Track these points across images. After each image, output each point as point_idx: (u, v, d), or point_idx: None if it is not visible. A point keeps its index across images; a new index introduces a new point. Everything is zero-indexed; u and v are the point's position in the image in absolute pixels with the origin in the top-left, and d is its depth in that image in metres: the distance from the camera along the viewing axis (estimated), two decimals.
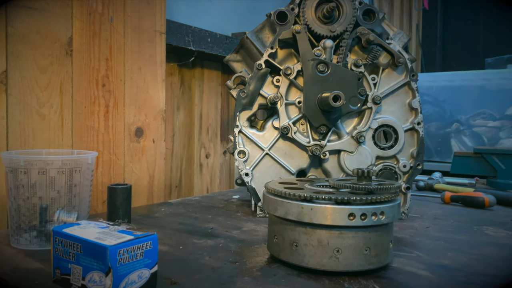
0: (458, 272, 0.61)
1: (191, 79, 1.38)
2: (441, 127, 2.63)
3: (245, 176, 0.91)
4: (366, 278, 0.57)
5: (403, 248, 0.72)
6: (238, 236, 0.77)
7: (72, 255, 0.50)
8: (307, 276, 0.57)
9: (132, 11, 1.05)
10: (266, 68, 0.92)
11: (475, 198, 1.08)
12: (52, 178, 0.67)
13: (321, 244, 0.57)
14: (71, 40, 0.93)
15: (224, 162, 1.53)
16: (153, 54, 1.10)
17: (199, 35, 1.28)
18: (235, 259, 0.64)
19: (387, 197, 0.58)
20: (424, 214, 0.99)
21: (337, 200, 0.56)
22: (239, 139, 0.93)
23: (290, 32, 0.91)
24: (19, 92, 0.85)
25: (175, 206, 1.03)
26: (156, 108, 1.12)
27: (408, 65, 0.92)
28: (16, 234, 0.68)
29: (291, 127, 0.91)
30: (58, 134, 0.91)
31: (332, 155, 0.93)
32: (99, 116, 0.99)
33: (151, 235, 0.51)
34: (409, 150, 0.92)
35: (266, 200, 0.63)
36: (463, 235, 0.81)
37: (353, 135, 0.91)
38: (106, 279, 0.47)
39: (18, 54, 0.84)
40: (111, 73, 1.01)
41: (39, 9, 0.87)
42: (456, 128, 2.60)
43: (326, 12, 0.89)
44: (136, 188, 1.07)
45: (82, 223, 0.56)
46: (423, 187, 1.35)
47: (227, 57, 1.04)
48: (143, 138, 1.09)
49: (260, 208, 0.92)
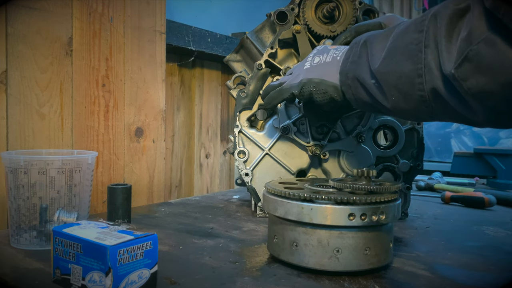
0: (458, 272, 0.61)
1: (191, 79, 1.38)
2: (441, 127, 2.63)
3: (245, 176, 0.91)
4: (366, 278, 0.57)
5: (403, 248, 0.72)
6: (238, 236, 0.77)
7: (72, 255, 0.50)
8: (307, 276, 0.57)
9: (132, 11, 1.05)
10: (266, 68, 0.92)
11: (475, 198, 1.08)
12: (52, 178, 0.67)
13: (321, 244, 0.57)
14: (71, 40, 0.93)
15: (224, 162, 1.53)
16: (153, 54, 1.10)
17: (199, 35, 1.28)
18: (235, 259, 0.64)
19: (387, 197, 0.58)
20: (424, 214, 0.99)
21: (337, 200, 0.56)
22: (239, 139, 0.93)
23: (290, 32, 0.91)
24: (19, 92, 0.85)
25: (175, 206, 1.03)
26: (156, 108, 1.12)
27: None
28: (16, 234, 0.68)
29: (291, 127, 0.91)
30: (58, 134, 0.91)
31: (332, 155, 0.93)
32: (99, 116, 0.99)
33: (151, 235, 0.51)
34: (409, 150, 0.92)
35: (266, 200, 0.63)
36: (463, 235, 0.81)
37: (353, 135, 0.91)
38: (106, 279, 0.47)
39: (18, 54, 0.84)
40: (111, 73, 1.01)
41: (39, 9, 0.87)
42: (456, 128, 2.60)
43: (326, 12, 0.89)
44: (136, 188, 1.07)
45: (82, 223, 0.56)
46: (423, 187, 1.35)
47: (227, 57, 1.04)
48: (143, 138, 1.09)
49: (260, 208, 0.92)
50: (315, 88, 0.68)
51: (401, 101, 0.57)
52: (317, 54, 0.72)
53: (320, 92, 0.68)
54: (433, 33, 0.51)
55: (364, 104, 0.65)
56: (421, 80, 0.53)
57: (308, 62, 0.72)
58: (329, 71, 0.68)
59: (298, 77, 0.72)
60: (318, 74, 0.69)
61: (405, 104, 0.57)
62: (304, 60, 0.74)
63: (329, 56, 0.69)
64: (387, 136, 0.98)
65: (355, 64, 0.63)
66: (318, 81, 0.68)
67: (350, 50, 0.65)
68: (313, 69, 0.70)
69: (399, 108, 0.59)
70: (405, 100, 0.57)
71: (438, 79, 0.51)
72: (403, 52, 0.55)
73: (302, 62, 0.75)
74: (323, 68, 0.69)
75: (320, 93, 0.68)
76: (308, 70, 0.70)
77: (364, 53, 0.61)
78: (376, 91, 0.60)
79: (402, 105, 0.58)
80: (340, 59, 0.67)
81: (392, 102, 0.59)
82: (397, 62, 0.56)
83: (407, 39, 0.55)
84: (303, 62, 0.74)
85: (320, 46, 0.75)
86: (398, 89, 0.57)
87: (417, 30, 0.54)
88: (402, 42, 0.56)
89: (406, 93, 0.56)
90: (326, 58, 0.69)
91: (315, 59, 0.71)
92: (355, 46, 0.64)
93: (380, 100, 0.60)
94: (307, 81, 0.69)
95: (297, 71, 0.74)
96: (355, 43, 0.65)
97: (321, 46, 0.75)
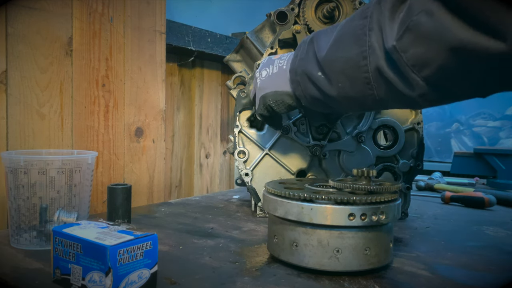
0: (458, 272, 0.61)
1: (191, 79, 1.38)
2: (441, 127, 2.63)
3: (245, 176, 0.91)
4: (366, 278, 0.57)
5: (403, 248, 0.72)
6: (238, 236, 0.77)
7: (72, 255, 0.50)
8: (307, 276, 0.57)
9: (132, 11, 1.05)
10: None
11: (475, 198, 1.08)
12: (52, 178, 0.67)
13: (321, 244, 0.57)
14: (71, 40, 0.93)
15: (224, 162, 1.53)
16: (153, 54, 1.10)
17: (199, 35, 1.28)
18: (235, 259, 0.64)
19: (387, 197, 0.58)
20: (424, 214, 0.99)
21: (337, 200, 0.56)
22: (239, 139, 0.93)
23: (290, 32, 0.91)
24: (19, 92, 0.85)
25: (175, 206, 1.03)
26: (156, 108, 1.12)
27: None
28: (16, 234, 0.68)
29: (291, 127, 0.91)
30: (58, 134, 0.91)
31: (332, 155, 0.93)
32: (99, 116, 0.99)
33: (151, 235, 0.51)
34: (409, 150, 0.92)
35: (266, 200, 0.63)
36: (463, 235, 0.81)
37: (353, 135, 0.91)
38: (106, 279, 0.47)
39: (18, 54, 0.84)
40: (111, 73, 1.01)
41: (39, 9, 0.87)
42: (456, 128, 2.60)
43: (326, 12, 0.89)
44: (136, 188, 1.07)
45: (82, 223, 0.56)
46: (423, 187, 1.35)
47: (227, 57, 1.04)
48: (143, 138, 1.09)
49: (260, 208, 0.92)
50: (273, 101, 0.71)
51: (347, 86, 0.59)
52: (263, 68, 0.74)
53: (278, 103, 0.71)
54: (377, 17, 0.54)
55: (312, 99, 0.66)
56: (366, 62, 0.55)
57: (258, 78, 0.75)
58: (279, 81, 0.70)
59: (257, 97, 0.75)
60: (270, 87, 0.72)
61: (351, 89, 0.59)
62: (254, 75, 0.77)
63: (275, 67, 0.72)
64: (387, 136, 0.98)
65: (303, 61, 0.65)
66: (272, 93, 0.71)
67: (297, 49, 0.67)
68: (263, 84, 0.73)
69: (345, 95, 0.60)
70: (351, 85, 0.59)
71: (381, 58, 0.54)
72: (349, 38, 0.58)
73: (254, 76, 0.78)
74: (272, 80, 0.71)
75: (278, 104, 0.71)
76: (260, 86, 0.73)
77: (311, 49, 0.64)
78: (323, 82, 0.62)
79: (348, 90, 0.59)
80: (287, 67, 0.69)
81: (338, 89, 0.60)
82: (344, 48, 0.58)
83: (352, 26, 0.58)
84: (254, 77, 0.77)
85: (264, 58, 0.78)
86: (344, 74, 0.58)
87: (362, 16, 0.56)
88: (348, 29, 0.58)
89: (352, 77, 0.58)
90: (272, 70, 0.72)
91: (263, 73, 0.73)
92: (302, 45, 0.67)
93: (326, 91, 0.62)
94: (263, 98, 0.73)
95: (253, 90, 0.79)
96: (303, 42, 0.67)
97: (265, 58, 0.78)
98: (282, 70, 0.70)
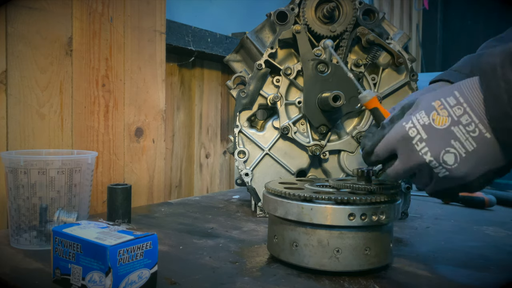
0: (458, 272, 0.61)
1: (191, 79, 1.38)
2: None
3: (245, 176, 0.91)
4: (366, 278, 0.57)
5: (403, 248, 0.72)
6: (238, 236, 0.77)
7: (72, 255, 0.50)
8: (307, 276, 0.57)
9: (132, 11, 1.05)
10: (266, 68, 0.92)
11: (475, 198, 1.08)
12: (52, 178, 0.67)
13: (321, 244, 0.57)
14: (71, 40, 0.93)
15: (224, 162, 1.53)
16: (153, 54, 1.10)
17: (199, 35, 1.28)
18: (235, 259, 0.64)
19: (387, 197, 0.58)
20: (424, 214, 0.99)
21: (337, 200, 0.56)
22: (239, 139, 0.93)
23: (290, 32, 0.91)
24: (19, 92, 0.85)
25: (175, 206, 1.03)
26: (156, 108, 1.12)
27: (408, 65, 0.92)
28: (16, 234, 0.68)
29: (291, 127, 0.91)
30: (58, 134, 0.91)
31: (332, 155, 0.93)
32: (99, 116, 0.99)
33: (151, 235, 0.51)
34: None
35: (266, 200, 0.63)
36: (463, 235, 0.81)
37: (353, 135, 0.91)
38: (106, 279, 0.47)
39: (18, 54, 0.84)
40: (111, 73, 1.01)
41: (39, 9, 0.87)
42: None
43: (326, 12, 0.89)
44: (136, 188, 1.07)
45: (82, 223, 0.56)
46: None
47: (227, 57, 1.04)
48: (143, 138, 1.09)
49: (260, 208, 0.92)
50: (484, 181, 0.53)
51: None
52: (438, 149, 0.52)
53: (488, 179, 0.54)
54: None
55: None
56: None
57: (439, 168, 0.53)
58: (488, 157, 0.52)
59: (446, 184, 0.55)
60: (476, 172, 0.52)
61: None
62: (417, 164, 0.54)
63: (466, 143, 0.51)
64: None
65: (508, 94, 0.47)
66: (482, 174, 0.52)
67: (488, 91, 0.49)
68: (458, 172, 0.52)
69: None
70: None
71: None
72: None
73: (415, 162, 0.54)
74: (474, 160, 0.52)
75: (489, 180, 0.54)
76: (455, 175, 0.52)
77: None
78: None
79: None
80: (489, 132, 0.50)
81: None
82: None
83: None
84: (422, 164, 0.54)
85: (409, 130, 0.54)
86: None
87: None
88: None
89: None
90: (464, 147, 0.51)
91: (447, 159, 0.52)
92: (493, 81, 0.48)
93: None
94: (469, 185, 0.53)
95: (432, 184, 0.56)
96: (488, 80, 0.49)
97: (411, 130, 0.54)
98: (485, 141, 0.51)
